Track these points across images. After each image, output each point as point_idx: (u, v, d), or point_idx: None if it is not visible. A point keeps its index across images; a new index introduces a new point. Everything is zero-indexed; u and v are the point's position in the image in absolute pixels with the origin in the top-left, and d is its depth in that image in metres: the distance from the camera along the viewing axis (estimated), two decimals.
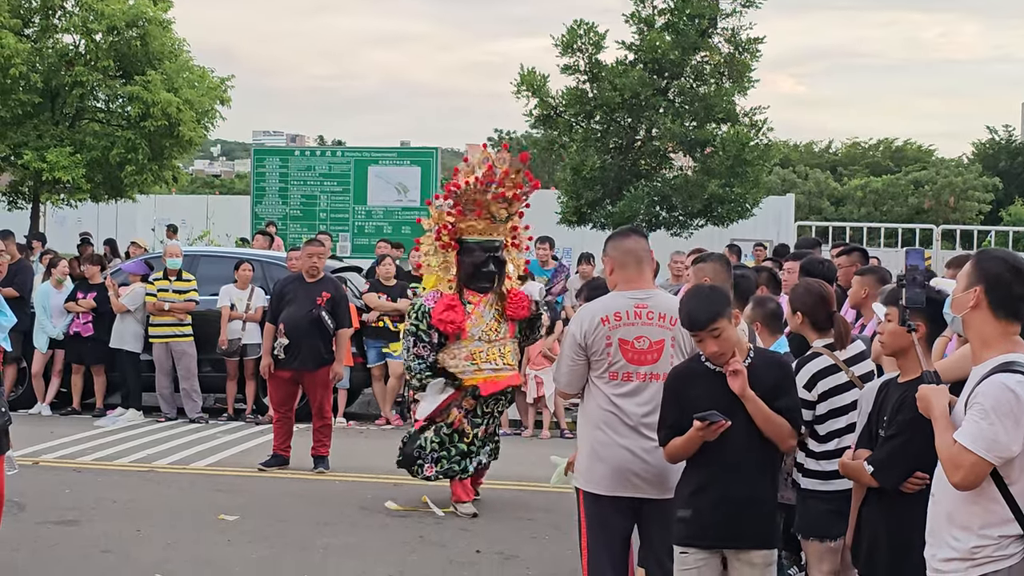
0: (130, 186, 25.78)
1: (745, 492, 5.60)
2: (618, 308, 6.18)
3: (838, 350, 6.45)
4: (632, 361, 6.10)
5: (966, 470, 4.33)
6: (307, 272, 12.30)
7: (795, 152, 63.90)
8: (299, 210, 23.88)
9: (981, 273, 4.47)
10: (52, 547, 8.90)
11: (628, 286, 6.27)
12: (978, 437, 4.30)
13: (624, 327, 6.13)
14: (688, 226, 24.34)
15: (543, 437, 14.50)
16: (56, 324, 15.42)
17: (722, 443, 5.56)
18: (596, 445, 6.15)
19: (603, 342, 6.12)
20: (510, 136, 72.55)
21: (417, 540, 9.42)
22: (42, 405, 15.51)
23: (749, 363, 5.66)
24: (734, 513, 5.59)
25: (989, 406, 4.30)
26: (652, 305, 6.18)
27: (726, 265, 7.28)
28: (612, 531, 6.20)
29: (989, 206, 53.67)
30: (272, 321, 12.21)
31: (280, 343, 11.95)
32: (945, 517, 4.51)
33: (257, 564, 8.61)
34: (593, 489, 6.19)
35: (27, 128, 24.47)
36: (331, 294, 12.25)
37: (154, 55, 24.96)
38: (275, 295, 12.48)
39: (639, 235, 6.52)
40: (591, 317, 6.21)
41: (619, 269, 6.33)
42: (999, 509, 4.37)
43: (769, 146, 24.31)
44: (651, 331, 6.13)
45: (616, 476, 6.10)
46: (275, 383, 12.28)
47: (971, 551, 4.41)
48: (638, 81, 22.99)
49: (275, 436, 12.29)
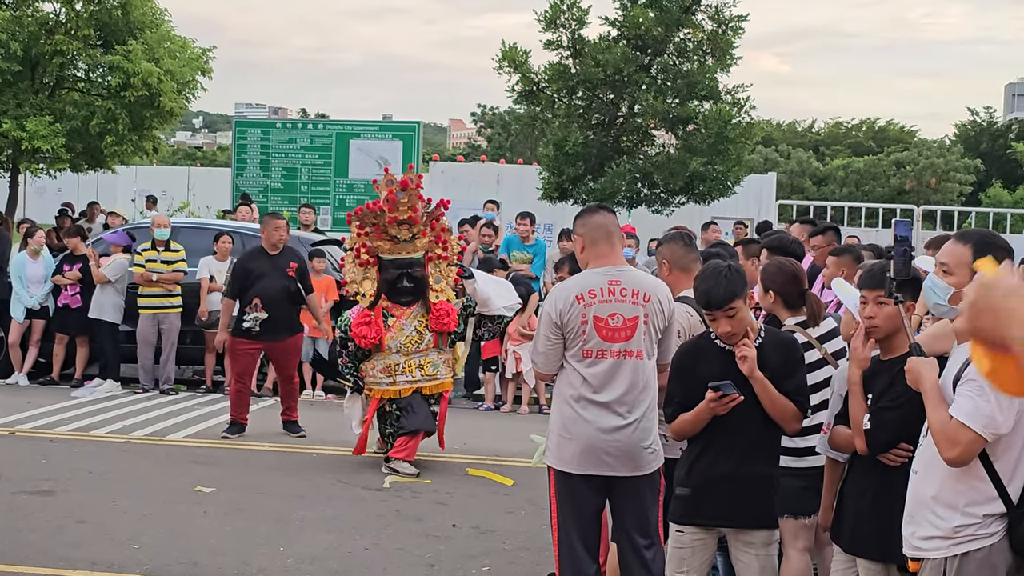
0: (110, 156, 25.67)
1: (747, 471, 5.60)
2: (592, 285, 6.14)
3: (811, 327, 6.46)
4: (606, 338, 6.06)
5: (963, 447, 4.32)
6: (274, 246, 12.39)
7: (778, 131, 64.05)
8: (280, 182, 23.84)
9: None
10: (27, 516, 8.87)
11: (600, 262, 6.22)
12: (976, 413, 4.29)
13: (598, 304, 6.08)
14: (669, 203, 24.34)
15: (522, 412, 14.53)
16: (33, 294, 15.34)
17: (726, 422, 5.55)
18: (567, 423, 6.12)
19: (578, 319, 6.08)
20: (493, 112, 72.60)
21: (393, 514, 9.42)
22: (19, 375, 15.45)
23: (759, 343, 5.65)
24: (735, 492, 5.59)
25: (984, 382, 4.30)
26: (625, 282, 6.14)
27: (685, 243, 7.10)
28: (582, 509, 6.17)
29: (970, 187, 53.90)
30: (234, 296, 12.32)
31: (257, 317, 12.10)
32: (927, 495, 4.51)
33: (233, 536, 8.59)
34: (564, 467, 6.14)
35: (6, 97, 24.31)
36: (297, 263, 12.53)
37: (135, 24, 24.82)
38: (240, 271, 12.50)
39: (607, 211, 6.46)
40: (566, 295, 6.16)
41: (590, 246, 6.28)
42: (984, 487, 4.37)
43: (751, 124, 24.31)
44: (624, 308, 6.09)
45: (587, 454, 6.06)
46: (240, 354, 12.43)
47: (954, 530, 4.41)
48: (621, 57, 22.96)
49: (234, 406, 12.44)
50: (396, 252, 10.80)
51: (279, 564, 7.96)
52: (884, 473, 5.21)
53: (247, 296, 12.22)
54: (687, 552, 5.73)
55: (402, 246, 10.80)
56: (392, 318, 10.76)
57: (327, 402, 14.80)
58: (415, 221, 10.77)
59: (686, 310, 6.55)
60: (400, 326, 10.74)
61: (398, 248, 10.80)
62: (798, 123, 69.61)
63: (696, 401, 5.55)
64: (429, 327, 10.79)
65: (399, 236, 10.78)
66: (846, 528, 5.41)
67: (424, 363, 10.78)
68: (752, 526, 5.66)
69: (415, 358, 10.75)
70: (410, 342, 10.73)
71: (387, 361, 10.72)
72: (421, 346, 10.76)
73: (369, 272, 10.90)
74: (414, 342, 10.74)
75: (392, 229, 10.76)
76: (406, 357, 10.72)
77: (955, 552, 4.42)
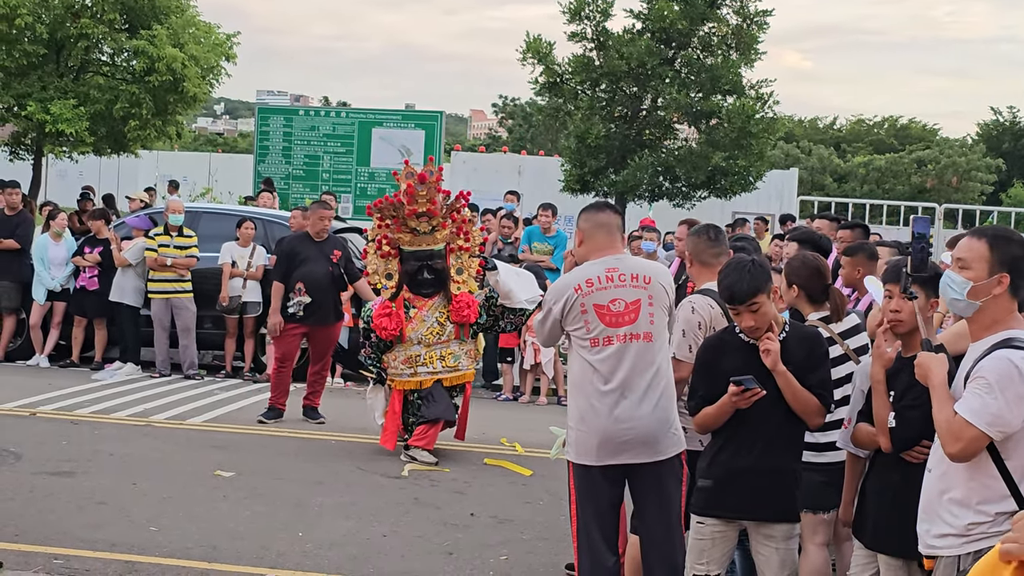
0: (133, 141, 25.71)
1: (769, 465, 5.60)
2: (589, 275, 6.21)
3: (834, 323, 6.45)
4: (610, 324, 6.09)
5: (965, 443, 4.33)
6: (318, 233, 12.46)
7: (799, 127, 63.90)
8: (302, 170, 23.86)
9: (1005, 259, 4.44)
10: (47, 497, 8.91)
11: (598, 254, 6.30)
12: (981, 411, 4.29)
13: (597, 292, 6.14)
14: (691, 197, 24.28)
15: (540, 403, 14.54)
16: (54, 276, 15.41)
17: (749, 415, 5.56)
18: (583, 415, 6.15)
19: (578, 309, 6.15)
20: (514, 103, 72.53)
21: (412, 501, 9.45)
22: (40, 357, 15.51)
23: (783, 337, 5.65)
24: (757, 485, 5.60)
25: (993, 380, 4.30)
26: (623, 268, 6.20)
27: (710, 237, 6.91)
28: (600, 501, 6.18)
29: (992, 187, 53.69)
30: (282, 280, 12.31)
31: (300, 302, 12.24)
32: (941, 492, 4.51)
33: (252, 520, 8.63)
34: (582, 460, 6.16)
35: (31, 79, 24.36)
36: (341, 251, 12.62)
37: (160, 9, 24.82)
38: (284, 254, 12.60)
39: (613, 210, 6.56)
40: (564, 288, 6.26)
41: (588, 240, 6.37)
42: (997, 485, 4.37)
43: (774, 119, 24.23)
44: (625, 292, 6.13)
45: (604, 445, 6.07)
46: (283, 339, 12.48)
47: (967, 528, 4.41)
48: (645, 50, 22.91)
49: (274, 389, 12.52)
50: (416, 244, 10.84)
51: (298, 549, 7.99)
52: (906, 470, 5.21)
53: (291, 281, 12.30)
54: (707, 544, 5.73)
55: (422, 238, 10.84)
56: (413, 309, 10.80)
57: (346, 390, 14.84)
58: (434, 214, 10.80)
59: (708, 302, 6.56)
60: (421, 317, 10.78)
61: (418, 240, 10.84)
62: (820, 120, 69.52)
63: (719, 395, 5.56)
64: (450, 318, 10.82)
65: (419, 228, 10.82)
66: (868, 524, 5.41)
67: (445, 354, 10.82)
68: (773, 519, 5.67)
69: (436, 349, 10.79)
70: (431, 333, 10.77)
71: (408, 352, 10.76)
72: (442, 337, 10.80)
73: (390, 263, 10.95)
74: (435, 333, 10.78)
75: (412, 221, 10.79)
76: (427, 348, 10.76)
77: (968, 550, 4.41)
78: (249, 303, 15.09)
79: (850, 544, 5.87)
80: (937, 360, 4.63)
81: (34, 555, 7.51)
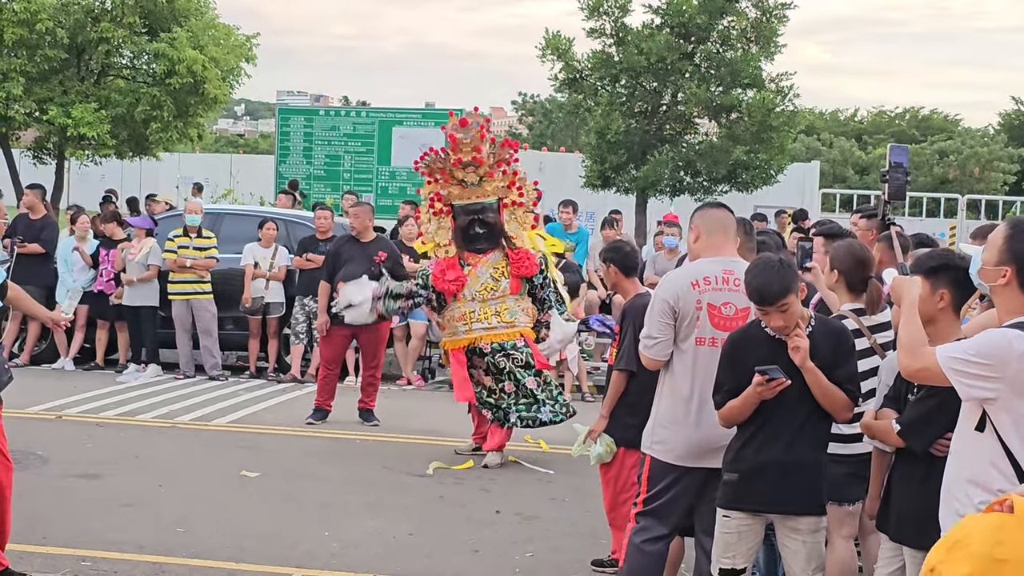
0: (155, 143, 25.83)
1: (794, 458, 5.58)
2: (707, 273, 6.15)
3: (867, 315, 6.43)
4: (718, 327, 6.05)
5: (919, 364, 4.50)
6: (361, 233, 12.52)
7: (820, 120, 63.65)
8: (323, 170, 23.88)
9: (1012, 253, 4.42)
10: (74, 499, 8.96)
11: (714, 252, 6.24)
12: (951, 354, 4.36)
13: (712, 291, 6.10)
14: (712, 192, 24.27)
15: None
16: (77, 279, 15.42)
17: (775, 408, 5.54)
18: (679, 417, 6.11)
19: (693, 305, 6.08)
20: (534, 100, 72.54)
21: (437, 500, 9.46)
22: (65, 360, 15.56)
23: (809, 332, 5.64)
24: (783, 478, 5.58)
25: (982, 340, 4.33)
26: (739, 272, 6.08)
27: (745, 231, 7.14)
28: (677, 504, 6.22)
29: (1015, 177, 53.41)
30: (328, 280, 12.35)
31: (339, 303, 12.13)
32: (958, 475, 4.51)
33: (277, 521, 8.64)
34: (672, 460, 6.15)
35: (53, 84, 24.49)
36: (387, 253, 12.53)
37: (180, 12, 24.94)
38: (331, 255, 12.64)
39: (727, 210, 6.51)
40: (682, 281, 6.18)
41: (705, 236, 6.30)
42: (1003, 464, 4.36)
43: (795, 113, 24.20)
44: (737, 298, 6.06)
45: (698, 447, 6.07)
46: (330, 339, 12.48)
47: (977, 506, 4.39)
48: (664, 45, 22.91)
49: (320, 391, 12.50)
50: (466, 197, 10.67)
51: (324, 549, 8.01)
52: (931, 463, 5.18)
53: (335, 282, 12.25)
54: (733, 537, 5.72)
55: (471, 190, 10.67)
56: (468, 267, 10.60)
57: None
58: (479, 162, 10.61)
59: None
60: (476, 274, 10.57)
61: (468, 192, 10.67)
62: (841, 112, 69.21)
63: (745, 388, 5.54)
64: (506, 274, 10.62)
65: (466, 179, 10.65)
66: (893, 517, 5.39)
67: (501, 310, 10.57)
68: (799, 512, 5.65)
69: (491, 305, 10.55)
70: (485, 289, 10.54)
71: (463, 309, 10.55)
72: (497, 293, 10.57)
73: (443, 222, 10.82)
74: (490, 289, 10.55)
75: (458, 172, 10.64)
76: (481, 304, 10.53)
77: None
78: (272, 304, 15.11)
79: (875, 537, 5.84)
80: (909, 282, 4.85)
81: (61, 558, 7.54)
